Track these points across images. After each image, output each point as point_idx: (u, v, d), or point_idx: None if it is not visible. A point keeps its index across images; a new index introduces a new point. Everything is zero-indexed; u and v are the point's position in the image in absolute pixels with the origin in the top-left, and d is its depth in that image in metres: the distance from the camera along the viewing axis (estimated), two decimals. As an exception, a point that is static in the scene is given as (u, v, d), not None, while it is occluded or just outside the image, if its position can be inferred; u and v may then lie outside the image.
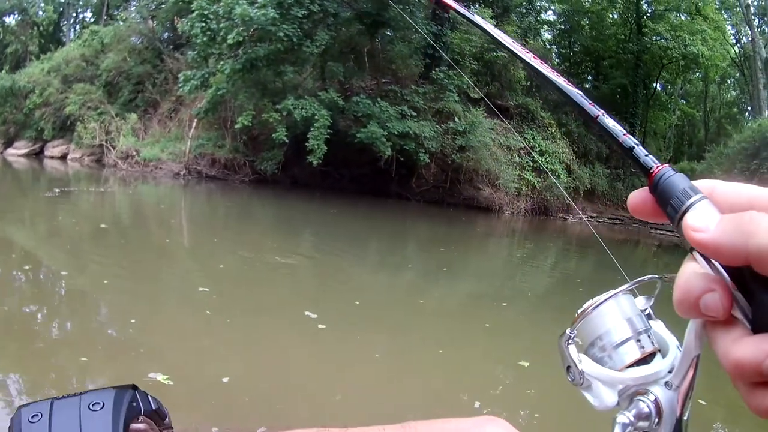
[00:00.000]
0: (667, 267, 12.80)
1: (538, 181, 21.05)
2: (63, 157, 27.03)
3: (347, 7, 20.76)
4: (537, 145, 21.53)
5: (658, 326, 0.53)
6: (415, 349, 5.56)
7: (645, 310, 0.54)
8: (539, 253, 16.27)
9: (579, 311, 0.53)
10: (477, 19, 0.67)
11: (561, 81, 0.55)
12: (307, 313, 5.67)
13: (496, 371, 5.32)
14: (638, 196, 0.47)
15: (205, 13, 19.10)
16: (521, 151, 21.34)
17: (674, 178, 0.44)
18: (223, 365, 4.30)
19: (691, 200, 0.42)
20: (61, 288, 6.46)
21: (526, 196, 20.87)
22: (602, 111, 0.51)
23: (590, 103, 0.52)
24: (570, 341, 0.52)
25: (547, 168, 20.57)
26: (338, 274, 8.71)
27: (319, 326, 5.43)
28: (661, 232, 24.21)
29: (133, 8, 30.28)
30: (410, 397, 4.32)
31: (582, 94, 0.54)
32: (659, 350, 0.51)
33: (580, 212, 21.38)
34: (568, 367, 0.52)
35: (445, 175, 19.68)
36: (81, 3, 34.97)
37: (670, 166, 0.46)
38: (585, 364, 0.51)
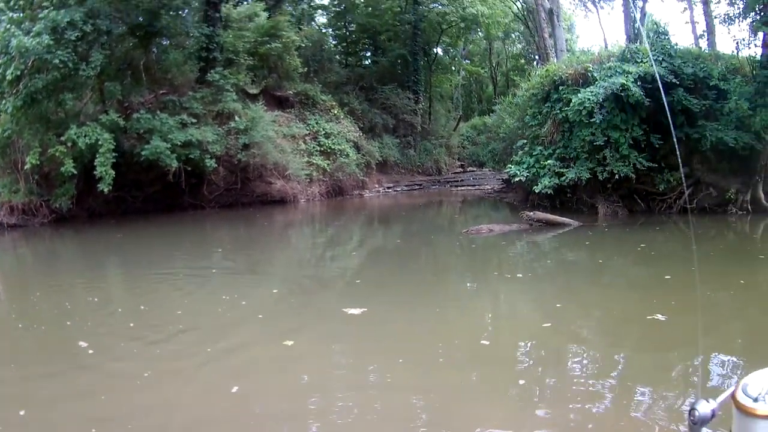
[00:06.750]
0: (476, 219, 14.50)
1: (328, 164, 21.77)
2: None
3: (120, 22, 20.40)
4: (321, 129, 22.16)
5: None
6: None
7: None
8: (342, 233, 16.98)
9: None
10: None
11: None
12: (80, 343, 6.34)
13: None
14: None
15: (-17, 50, 18.29)
16: (307, 138, 21.89)
17: None
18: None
19: None
20: None
21: (318, 181, 21.59)
22: None
23: None
24: None
25: (334, 149, 21.63)
26: (124, 299, 8.77)
27: (89, 352, 6.12)
28: (462, 188, 26.16)
29: None
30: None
31: None
32: None
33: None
34: None
35: (234, 176, 19.95)
36: None
37: None
38: None
